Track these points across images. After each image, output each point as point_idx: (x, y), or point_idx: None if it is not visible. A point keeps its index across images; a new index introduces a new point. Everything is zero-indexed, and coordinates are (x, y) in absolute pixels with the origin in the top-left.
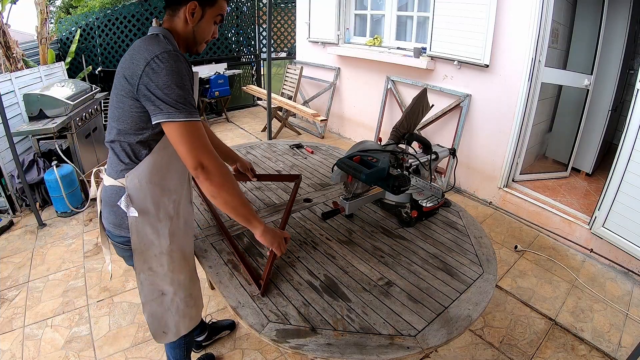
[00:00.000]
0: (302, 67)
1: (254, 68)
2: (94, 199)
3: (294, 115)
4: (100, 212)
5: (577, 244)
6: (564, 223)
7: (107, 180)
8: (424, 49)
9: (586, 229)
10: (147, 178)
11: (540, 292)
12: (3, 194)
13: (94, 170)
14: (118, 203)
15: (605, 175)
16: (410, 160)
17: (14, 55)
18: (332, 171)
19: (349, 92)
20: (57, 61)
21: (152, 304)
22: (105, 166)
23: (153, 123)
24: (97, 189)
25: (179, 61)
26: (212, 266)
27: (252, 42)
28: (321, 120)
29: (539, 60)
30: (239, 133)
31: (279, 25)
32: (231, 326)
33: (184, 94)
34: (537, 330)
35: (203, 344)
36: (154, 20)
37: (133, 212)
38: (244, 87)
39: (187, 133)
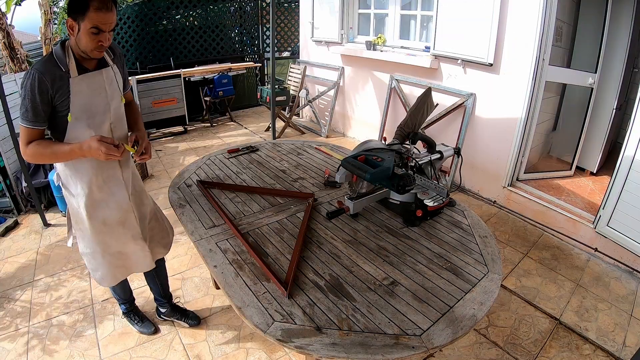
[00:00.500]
0: (305, 67)
1: (258, 68)
2: None
3: (298, 115)
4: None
5: (582, 243)
6: (569, 222)
7: None
8: (428, 47)
9: (591, 228)
10: (63, 163)
11: (544, 292)
12: (8, 195)
13: None
14: (52, 178)
15: (610, 174)
16: (415, 160)
17: (18, 56)
18: (337, 170)
19: (353, 91)
20: None
21: (87, 257)
22: None
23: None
24: None
25: (30, 79)
26: (217, 265)
27: (256, 42)
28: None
29: (543, 59)
30: (243, 132)
31: (282, 24)
32: (193, 319)
33: (23, 107)
34: (541, 330)
35: (162, 315)
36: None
37: (61, 185)
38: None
39: (21, 132)
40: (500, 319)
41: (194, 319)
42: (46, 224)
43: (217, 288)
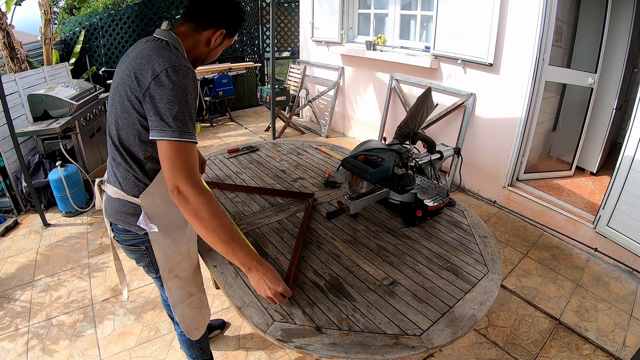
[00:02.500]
0: (305, 67)
1: (258, 68)
2: (100, 210)
3: (298, 115)
4: (111, 225)
5: (582, 243)
6: (569, 222)
7: (114, 192)
8: (428, 47)
9: (591, 228)
10: (160, 194)
11: (544, 292)
12: (8, 194)
13: (97, 181)
14: (138, 223)
15: (610, 174)
16: (415, 160)
17: (18, 56)
18: (337, 170)
19: (353, 91)
20: (61, 62)
21: (182, 306)
22: (106, 176)
23: (150, 138)
24: (102, 200)
25: (187, 77)
26: (217, 265)
27: (256, 42)
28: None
29: (543, 59)
30: (243, 132)
31: (282, 24)
32: (221, 326)
33: (183, 113)
34: (541, 330)
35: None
36: (165, 22)
37: (154, 228)
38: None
39: (173, 152)
40: (500, 319)
41: (220, 326)
42: (46, 224)
43: (217, 288)
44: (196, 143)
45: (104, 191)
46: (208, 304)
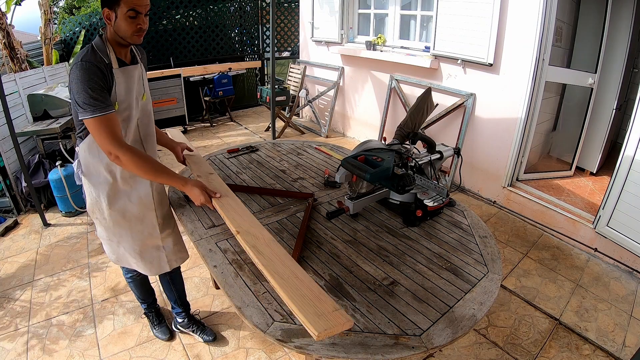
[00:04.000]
0: (305, 67)
1: (258, 68)
2: None
3: (298, 115)
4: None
5: (582, 243)
6: (568, 222)
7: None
8: (428, 48)
9: (590, 228)
10: (87, 149)
11: (544, 292)
12: (8, 194)
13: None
14: (73, 166)
15: (610, 174)
16: (415, 160)
17: (18, 55)
18: (337, 170)
19: (353, 91)
20: (61, 62)
21: (104, 241)
22: None
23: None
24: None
25: (83, 69)
26: (216, 265)
27: (256, 42)
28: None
29: (543, 59)
30: (243, 132)
31: (282, 24)
32: (209, 334)
33: (89, 96)
34: (541, 330)
35: (178, 326)
36: (101, 28)
37: (81, 179)
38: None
39: (95, 126)
40: (500, 319)
41: (210, 335)
42: (46, 224)
43: (217, 288)
44: (111, 113)
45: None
46: (134, 261)
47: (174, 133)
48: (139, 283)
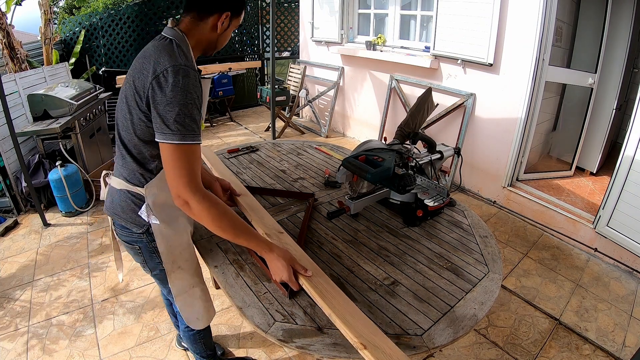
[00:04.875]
0: (305, 67)
1: (258, 68)
2: (101, 207)
3: (298, 115)
4: (112, 221)
5: (582, 243)
6: (568, 222)
7: (118, 184)
8: (428, 48)
9: (590, 228)
10: (164, 188)
11: (544, 292)
12: (7, 194)
13: (103, 173)
14: (139, 213)
15: (610, 174)
16: (415, 159)
17: (18, 55)
18: (338, 170)
19: (353, 91)
20: (61, 62)
21: (184, 297)
22: (115, 168)
23: (155, 140)
24: (105, 192)
25: (186, 77)
26: (217, 266)
27: (256, 42)
28: None
29: (543, 59)
30: (243, 132)
31: (282, 24)
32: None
33: (183, 114)
34: (541, 330)
35: (183, 344)
36: (169, 20)
37: (155, 220)
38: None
39: (175, 156)
40: (500, 319)
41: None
42: (46, 224)
43: (218, 288)
44: (199, 144)
45: (108, 183)
46: (211, 300)
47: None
48: (209, 331)
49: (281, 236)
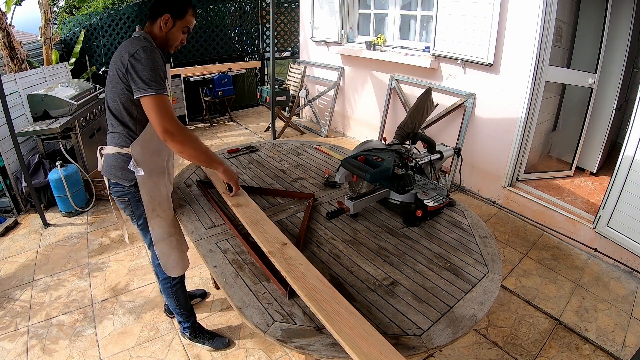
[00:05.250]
0: (305, 67)
1: (258, 68)
2: (106, 195)
3: (298, 115)
4: (108, 182)
5: (582, 243)
6: (568, 222)
7: (111, 150)
8: (428, 48)
9: (590, 228)
10: (145, 144)
11: (544, 292)
12: (7, 194)
13: (99, 147)
14: (129, 167)
15: (610, 174)
16: (415, 160)
17: (18, 56)
18: (337, 171)
19: (353, 91)
20: (61, 62)
21: (162, 244)
22: (107, 140)
23: (134, 98)
24: (101, 161)
25: (154, 52)
26: (217, 265)
27: (256, 42)
28: None
29: (543, 59)
30: (243, 132)
31: (282, 24)
32: (202, 295)
33: (155, 76)
34: (541, 330)
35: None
36: (137, 27)
37: (140, 172)
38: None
39: (154, 104)
40: (500, 319)
41: (202, 295)
42: (46, 224)
43: (217, 288)
44: (167, 95)
45: (102, 154)
46: (187, 252)
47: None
48: (184, 288)
49: (284, 248)
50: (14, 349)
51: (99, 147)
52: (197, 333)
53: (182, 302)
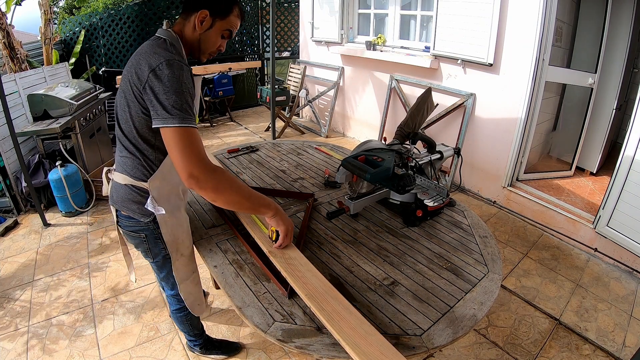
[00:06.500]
0: (305, 67)
1: (258, 68)
2: (107, 197)
3: (298, 115)
4: (116, 212)
5: (582, 243)
6: (568, 222)
7: (122, 179)
8: (428, 48)
9: (590, 228)
10: (166, 178)
11: (544, 292)
12: (7, 194)
13: (105, 170)
14: (146, 206)
15: (610, 174)
16: (415, 160)
17: (18, 56)
18: (337, 171)
19: (353, 91)
20: (61, 62)
21: (187, 283)
22: (115, 165)
23: (153, 127)
24: (109, 187)
25: (180, 69)
26: (217, 266)
27: (256, 42)
28: None
29: (543, 59)
30: (243, 132)
31: (282, 24)
32: (228, 349)
33: (181, 101)
34: (541, 330)
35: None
36: (165, 22)
37: (161, 211)
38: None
39: (177, 139)
40: (500, 319)
41: (227, 349)
42: (46, 224)
43: (217, 288)
44: (196, 128)
45: (110, 179)
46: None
47: None
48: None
49: (284, 248)
50: (14, 349)
51: (104, 170)
52: (208, 346)
53: (195, 325)
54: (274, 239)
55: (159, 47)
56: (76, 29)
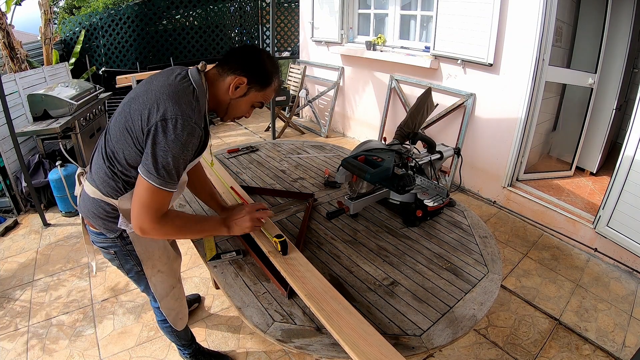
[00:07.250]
0: (305, 67)
1: None
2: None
3: (298, 115)
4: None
5: (582, 243)
6: (568, 222)
7: (93, 192)
8: (428, 48)
9: (590, 228)
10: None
11: (544, 292)
12: (7, 194)
13: (78, 171)
14: (119, 225)
15: (610, 174)
16: (415, 160)
17: (18, 55)
18: (337, 171)
19: (353, 91)
20: (61, 61)
21: (167, 299)
22: (89, 172)
23: (139, 168)
24: (79, 192)
25: (191, 134)
26: (217, 266)
27: (256, 42)
28: None
29: (543, 59)
30: (243, 132)
31: (282, 24)
32: (197, 299)
33: (173, 165)
34: (541, 330)
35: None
36: (201, 63)
37: (132, 228)
38: None
39: (148, 194)
40: (500, 319)
41: (196, 300)
42: (46, 224)
43: (217, 288)
44: (172, 192)
45: (81, 183)
46: (184, 292)
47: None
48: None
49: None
50: (14, 349)
51: (77, 172)
52: (198, 356)
53: (182, 335)
54: (279, 249)
55: (183, 95)
56: (76, 29)
